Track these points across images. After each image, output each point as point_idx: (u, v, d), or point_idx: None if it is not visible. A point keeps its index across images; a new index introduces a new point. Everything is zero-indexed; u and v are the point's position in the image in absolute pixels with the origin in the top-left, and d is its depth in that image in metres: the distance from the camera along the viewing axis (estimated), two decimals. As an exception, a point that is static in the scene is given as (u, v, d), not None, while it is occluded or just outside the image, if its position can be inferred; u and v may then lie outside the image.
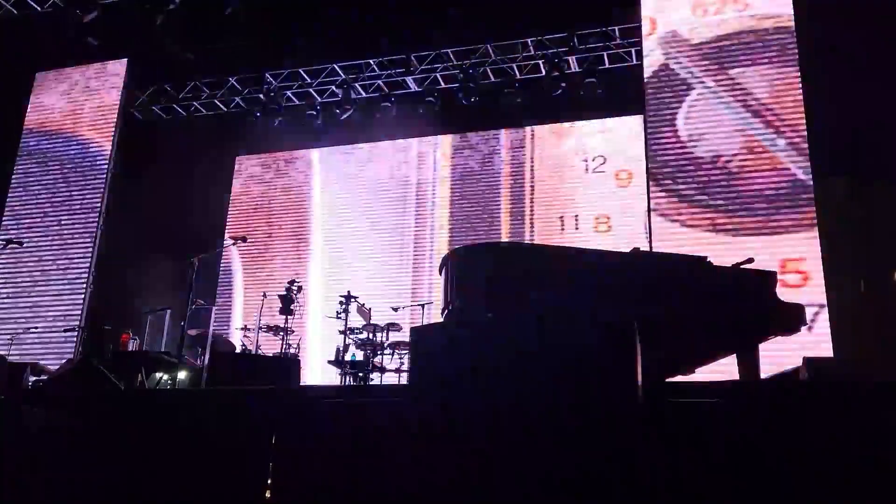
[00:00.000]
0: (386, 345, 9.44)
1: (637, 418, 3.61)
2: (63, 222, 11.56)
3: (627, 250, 4.96)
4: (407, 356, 9.24)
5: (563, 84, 11.30)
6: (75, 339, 10.37)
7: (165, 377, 7.78)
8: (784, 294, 4.69)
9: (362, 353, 9.37)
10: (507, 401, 3.76)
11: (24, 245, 8.34)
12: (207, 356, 8.70)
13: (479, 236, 11.87)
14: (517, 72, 11.77)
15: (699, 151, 9.38)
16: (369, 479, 3.89)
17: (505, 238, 11.76)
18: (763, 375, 4.75)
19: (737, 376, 4.58)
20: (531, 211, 11.86)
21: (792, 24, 9.39)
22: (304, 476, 4.04)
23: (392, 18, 10.69)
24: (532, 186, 11.93)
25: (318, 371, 10.98)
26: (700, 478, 3.45)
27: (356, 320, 9.47)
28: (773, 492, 3.37)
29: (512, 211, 11.94)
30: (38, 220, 11.63)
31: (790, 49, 9.31)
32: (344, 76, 12.36)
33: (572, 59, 11.35)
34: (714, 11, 9.74)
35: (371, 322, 9.60)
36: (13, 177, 12.15)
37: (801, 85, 9.14)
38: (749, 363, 4.46)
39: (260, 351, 9.84)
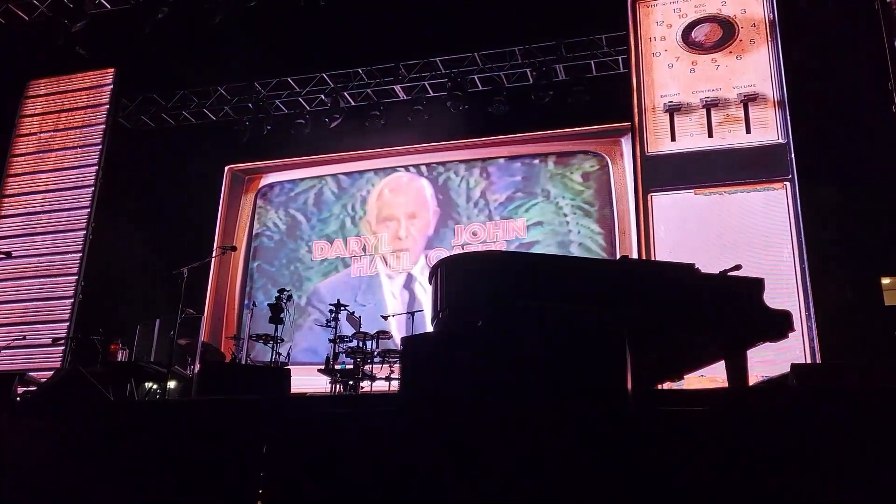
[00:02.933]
0: (376, 353, 9.44)
1: (627, 425, 3.64)
2: (52, 232, 11.51)
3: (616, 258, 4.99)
4: (397, 364, 9.24)
5: (551, 92, 11.35)
6: (64, 349, 10.31)
7: (155, 387, 7.76)
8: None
9: (352, 361, 9.36)
10: (498, 408, 3.78)
11: (13, 256, 8.28)
12: (197, 366, 8.68)
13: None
14: (505, 80, 11.82)
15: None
16: (361, 486, 3.89)
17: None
18: (751, 381, 4.79)
19: (725, 383, 4.62)
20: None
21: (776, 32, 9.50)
22: (295, 485, 4.05)
23: (380, 27, 10.72)
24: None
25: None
26: (689, 483, 3.48)
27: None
28: (761, 496, 3.40)
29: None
30: (28, 230, 11.58)
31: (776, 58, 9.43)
32: (332, 85, 12.37)
33: (559, 68, 11.42)
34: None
35: (361, 330, 9.61)
36: (3, 186, 12.09)
37: (786, 94, 9.23)
38: (737, 369, 4.50)
39: (249, 360, 9.83)
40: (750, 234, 8.83)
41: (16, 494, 4.61)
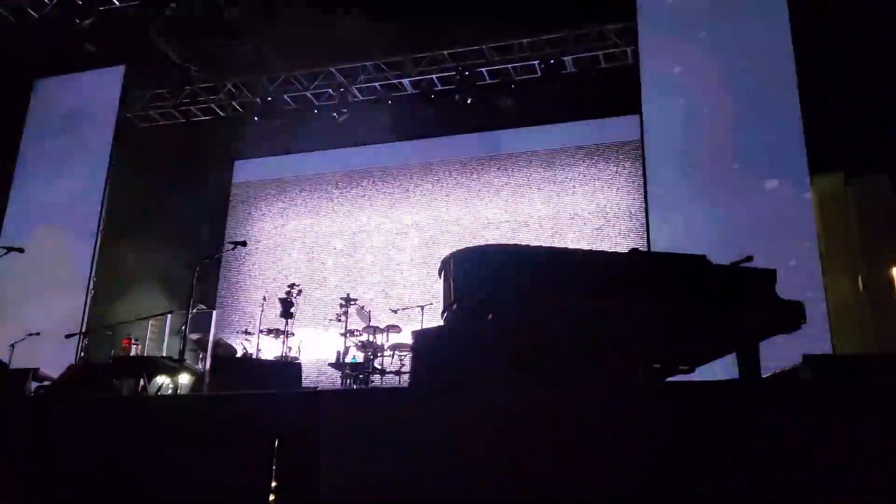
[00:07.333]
0: (386, 346, 9.47)
1: (636, 418, 3.63)
2: (63, 227, 11.56)
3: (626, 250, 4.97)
4: (407, 357, 9.26)
5: (560, 85, 11.31)
6: (77, 344, 10.36)
7: (167, 382, 7.80)
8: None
9: (363, 355, 9.40)
10: (507, 402, 3.78)
11: (25, 251, 8.34)
12: (209, 360, 8.73)
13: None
14: (513, 73, 11.77)
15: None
16: (372, 480, 3.91)
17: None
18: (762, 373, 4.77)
19: (736, 375, 4.61)
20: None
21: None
22: (307, 479, 4.06)
23: (388, 21, 10.69)
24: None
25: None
26: (701, 476, 3.47)
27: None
28: (772, 490, 3.39)
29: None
30: (39, 225, 11.63)
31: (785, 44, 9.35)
32: (341, 79, 12.36)
33: (568, 60, 11.36)
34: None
35: (371, 324, 9.63)
36: (13, 183, 12.15)
37: (796, 79, 9.14)
38: (749, 361, 4.48)
39: (260, 354, 9.87)
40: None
41: (30, 487, 4.64)
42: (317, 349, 10.99)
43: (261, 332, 9.87)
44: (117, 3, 11.06)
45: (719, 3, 9.82)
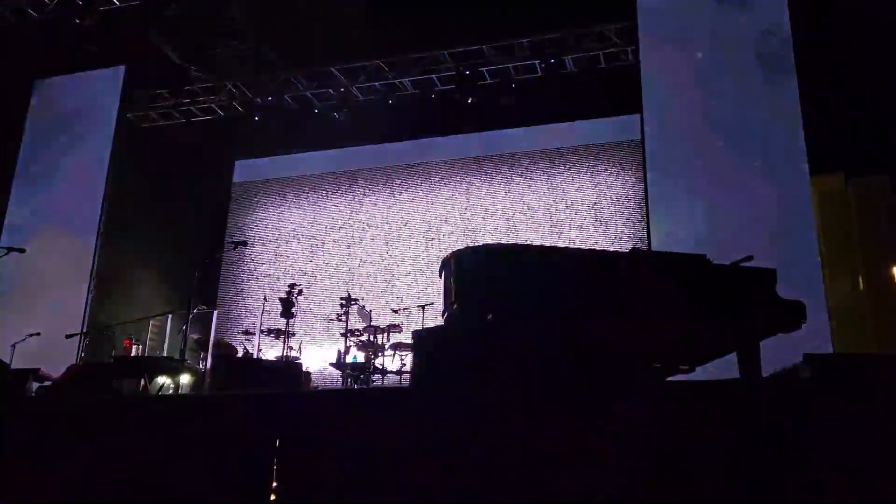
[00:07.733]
0: (387, 346, 9.47)
1: (636, 418, 3.64)
2: (63, 228, 11.56)
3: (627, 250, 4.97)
4: (408, 357, 9.26)
5: (560, 85, 11.32)
6: (77, 344, 10.36)
7: (168, 382, 7.81)
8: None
9: (363, 354, 9.40)
10: (508, 402, 3.78)
11: (26, 251, 8.36)
12: (209, 360, 8.73)
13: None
14: (513, 73, 11.77)
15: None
16: (373, 480, 3.91)
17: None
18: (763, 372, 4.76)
19: (737, 374, 4.60)
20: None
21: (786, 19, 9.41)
22: (308, 479, 4.07)
23: (388, 21, 10.70)
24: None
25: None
26: (701, 476, 3.47)
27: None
28: (775, 489, 3.39)
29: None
30: (40, 225, 11.63)
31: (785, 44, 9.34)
32: (341, 79, 12.35)
33: (568, 60, 11.36)
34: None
35: (371, 324, 9.64)
36: (14, 183, 12.16)
37: (796, 78, 9.14)
38: (749, 361, 4.48)
39: (261, 354, 9.87)
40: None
41: (30, 487, 4.64)
42: (318, 355, 10.95)
43: (261, 332, 9.87)
44: (117, 3, 11.06)
45: (719, 3, 9.82)
